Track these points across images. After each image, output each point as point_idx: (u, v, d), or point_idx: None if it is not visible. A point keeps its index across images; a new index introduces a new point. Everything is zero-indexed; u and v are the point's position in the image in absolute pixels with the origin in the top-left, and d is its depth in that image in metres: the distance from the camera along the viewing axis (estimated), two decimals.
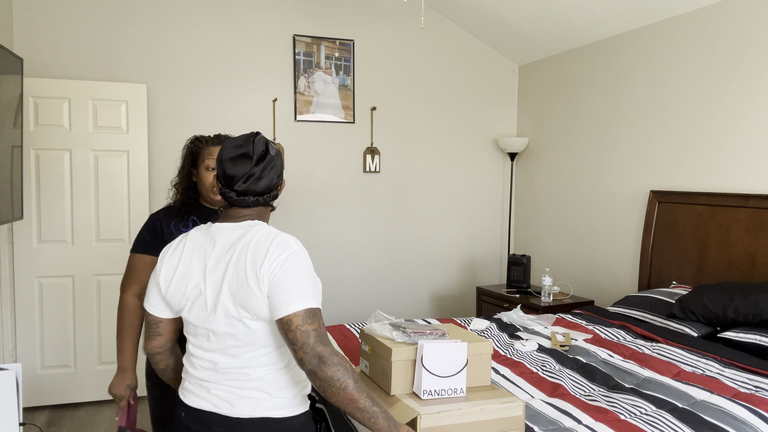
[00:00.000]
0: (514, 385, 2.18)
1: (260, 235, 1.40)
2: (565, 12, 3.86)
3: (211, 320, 1.41)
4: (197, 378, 1.47)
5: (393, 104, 4.56)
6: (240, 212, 1.47)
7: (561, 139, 4.45)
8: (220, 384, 1.43)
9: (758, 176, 3.06)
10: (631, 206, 3.84)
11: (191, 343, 1.49)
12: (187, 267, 1.45)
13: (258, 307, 1.36)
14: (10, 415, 1.54)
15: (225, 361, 1.42)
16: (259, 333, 1.40)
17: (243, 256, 1.37)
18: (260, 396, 1.42)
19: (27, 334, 3.61)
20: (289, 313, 1.32)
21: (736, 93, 3.16)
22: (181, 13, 3.98)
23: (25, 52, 3.65)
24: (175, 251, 1.49)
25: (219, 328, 1.41)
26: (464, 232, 4.88)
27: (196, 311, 1.43)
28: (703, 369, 2.34)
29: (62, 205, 3.63)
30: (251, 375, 1.41)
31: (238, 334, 1.39)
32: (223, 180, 1.45)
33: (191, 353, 1.49)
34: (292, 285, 1.34)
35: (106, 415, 3.56)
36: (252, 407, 1.41)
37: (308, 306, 1.34)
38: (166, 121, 3.96)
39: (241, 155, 1.43)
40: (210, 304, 1.41)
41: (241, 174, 1.42)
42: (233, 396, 1.42)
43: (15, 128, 3.09)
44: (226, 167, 1.44)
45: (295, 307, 1.32)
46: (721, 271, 3.18)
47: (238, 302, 1.37)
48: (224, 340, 1.41)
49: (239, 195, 1.44)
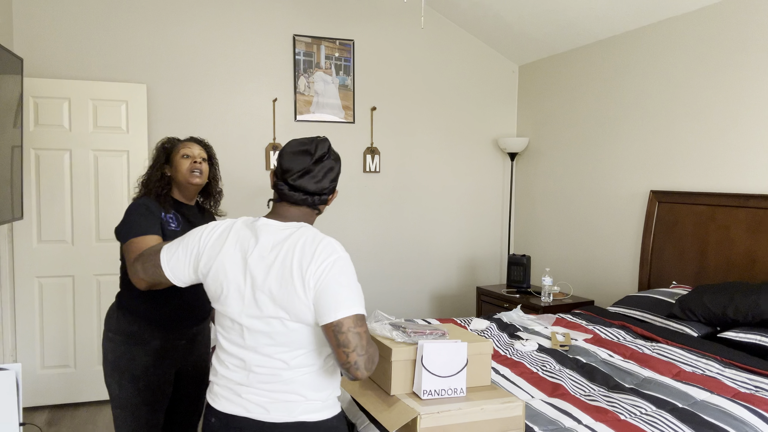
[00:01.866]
0: (514, 385, 2.18)
1: (307, 237, 1.39)
2: (565, 12, 3.86)
3: (248, 316, 1.40)
4: (228, 379, 1.45)
5: (393, 104, 4.56)
6: (287, 210, 1.47)
7: (561, 139, 4.45)
8: (253, 387, 1.42)
9: (758, 176, 3.06)
10: (631, 206, 3.84)
11: (223, 337, 1.47)
12: (229, 257, 1.43)
13: (300, 309, 1.36)
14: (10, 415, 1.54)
15: (257, 360, 1.41)
16: (296, 334, 1.39)
17: (289, 257, 1.36)
18: (295, 399, 1.41)
19: (27, 334, 3.61)
20: (341, 317, 1.32)
21: (736, 93, 3.16)
22: (181, 13, 3.98)
23: (25, 52, 3.65)
24: (219, 239, 1.46)
25: (254, 326, 1.40)
26: (464, 232, 4.87)
27: (232, 304, 1.42)
28: (703, 369, 2.34)
29: (62, 205, 3.63)
30: (284, 377, 1.40)
31: (275, 334, 1.39)
32: (278, 172, 1.46)
33: (222, 348, 1.47)
34: (342, 290, 1.35)
35: (106, 415, 3.56)
36: (287, 411, 1.40)
37: (358, 312, 1.36)
38: (166, 121, 3.96)
39: (303, 151, 1.45)
40: (248, 299, 1.40)
41: (297, 168, 1.43)
42: (267, 400, 1.41)
43: (15, 128, 3.09)
44: (285, 160, 1.45)
45: (345, 312, 1.33)
46: (721, 271, 3.18)
47: (279, 303, 1.37)
48: (258, 338, 1.40)
49: (291, 189, 1.45)
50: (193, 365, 2.18)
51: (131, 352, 2.01)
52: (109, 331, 2.05)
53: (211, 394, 1.50)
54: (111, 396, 2.06)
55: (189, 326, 2.12)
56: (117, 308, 2.06)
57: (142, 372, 2.01)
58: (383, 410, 1.64)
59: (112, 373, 2.03)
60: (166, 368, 2.06)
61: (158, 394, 2.05)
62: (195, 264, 1.49)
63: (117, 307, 2.06)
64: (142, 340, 2.01)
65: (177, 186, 2.11)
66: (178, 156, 2.08)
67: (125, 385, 2.01)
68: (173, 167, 2.09)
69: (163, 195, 2.06)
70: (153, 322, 2.02)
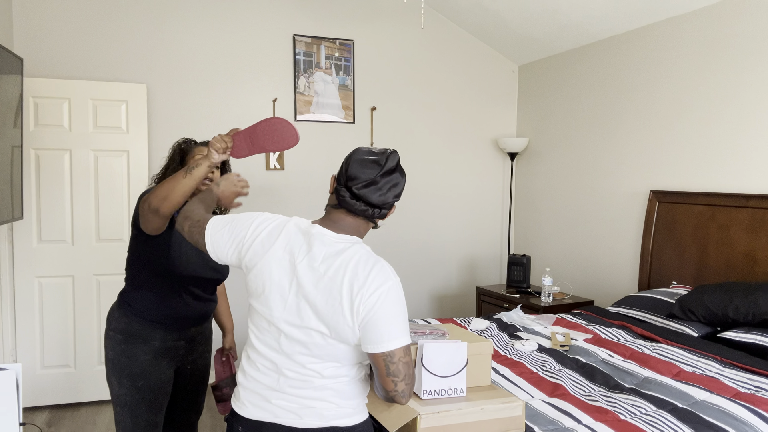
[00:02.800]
0: (514, 385, 2.18)
1: (360, 257, 1.37)
2: (565, 12, 3.86)
3: (287, 323, 1.38)
4: (258, 383, 1.44)
5: (393, 104, 4.56)
6: (343, 218, 1.43)
7: (561, 139, 4.45)
8: (284, 393, 1.41)
9: (758, 176, 3.06)
10: (631, 206, 3.84)
11: (256, 337, 1.45)
12: (278, 260, 1.40)
13: (344, 330, 1.34)
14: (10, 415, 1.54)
15: (289, 365, 1.40)
16: (333, 348, 1.37)
17: (340, 274, 1.34)
18: (327, 406, 1.40)
19: (27, 334, 3.61)
20: (394, 348, 1.33)
21: (736, 93, 3.16)
22: (182, 13, 3.98)
23: (25, 52, 3.65)
24: (271, 234, 1.43)
25: (293, 333, 1.38)
26: (464, 232, 4.87)
27: (272, 307, 1.40)
28: (703, 369, 2.34)
29: (62, 205, 3.63)
30: (316, 384, 1.40)
31: (312, 345, 1.37)
32: (344, 178, 1.42)
33: (255, 349, 1.45)
34: (394, 320, 1.34)
35: (106, 415, 3.57)
36: (319, 417, 1.40)
37: (408, 342, 1.37)
38: (166, 121, 3.96)
39: (372, 161, 1.41)
40: (290, 306, 1.38)
41: (364, 178, 1.40)
42: (298, 406, 1.40)
43: (15, 128, 3.09)
44: (352, 167, 1.41)
45: (397, 343, 1.34)
46: (721, 271, 3.18)
47: (322, 318, 1.35)
48: (294, 346, 1.39)
49: (352, 197, 1.41)
50: (192, 365, 2.19)
51: (131, 350, 2.02)
52: (110, 330, 2.05)
53: (237, 402, 1.48)
54: (111, 394, 2.07)
55: (189, 326, 2.13)
56: (118, 307, 2.07)
57: (142, 371, 2.02)
58: (383, 410, 1.64)
59: (112, 371, 2.04)
60: (165, 367, 2.07)
61: (158, 393, 2.05)
62: (238, 251, 1.46)
63: (118, 306, 2.07)
64: (143, 339, 2.02)
65: None
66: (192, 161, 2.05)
67: (125, 383, 2.02)
68: None
69: None
70: (154, 321, 2.02)
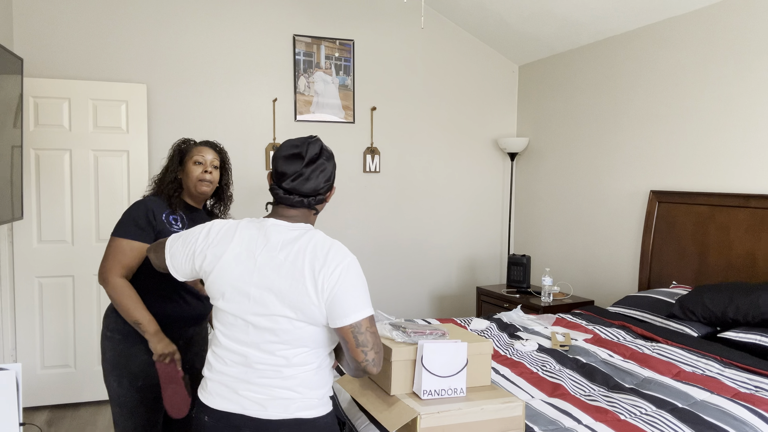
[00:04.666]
0: (514, 385, 2.18)
1: (317, 240, 1.43)
2: (565, 12, 3.86)
3: (253, 313, 1.42)
4: (226, 375, 1.46)
5: (393, 104, 4.56)
6: (287, 211, 1.49)
7: (561, 139, 4.45)
8: (252, 383, 1.43)
9: (758, 176, 3.06)
10: (631, 206, 3.84)
11: (222, 334, 1.48)
12: (235, 256, 1.44)
13: (311, 310, 1.39)
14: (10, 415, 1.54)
15: (259, 357, 1.43)
16: (300, 332, 1.41)
17: (300, 258, 1.40)
18: (292, 396, 1.43)
19: (27, 334, 3.61)
20: (360, 319, 1.39)
21: (736, 93, 3.16)
22: (181, 13, 3.98)
23: (25, 52, 3.65)
24: (225, 237, 1.47)
25: (260, 323, 1.42)
26: (464, 232, 4.87)
27: (237, 301, 1.43)
28: (703, 369, 2.34)
29: (62, 205, 3.63)
30: (284, 373, 1.43)
31: (280, 331, 1.41)
32: (274, 176, 1.49)
33: (221, 345, 1.48)
34: (357, 293, 1.40)
35: (106, 415, 3.57)
36: (284, 408, 1.43)
37: (372, 312, 1.44)
38: (166, 121, 3.96)
39: (294, 155, 1.47)
40: (255, 297, 1.41)
41: (290, 172, 1.46)
42: (264, 397, 1.43)
43: (15, 128, 3.09)
44: (279, 164, 1.47)
45: (362, 314, 1.40)
46: (721, 271, 3.18)
47: (287, 303, 1.39)
48: (263, 335, 1.42)
49: (286, 193, 1.47)
50: (190, 364, 2.19)
51: (130, 350, 2.02)
52: (108, 330, 2.06)
53: (204, 393, 1.51)
54: (110, 394, 2.07)
55: (187, 326, 2.13)
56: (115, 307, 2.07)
57: (141, 370, 2.02)
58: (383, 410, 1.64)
59: (111, 371, 2.04)
60: None
61: (157, 393, 2.06)
62: (192, 259, 1.50)
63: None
64: (141, 339, 2.02)
65: (186, 190, 2.13)
66: (191, 161, 2.10)
67: (124, 383, 2.02)
68: (185, 172, 2.11)
69: (173, 197, 2.09)
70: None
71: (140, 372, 2.02)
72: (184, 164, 2.12)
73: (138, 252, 1.98)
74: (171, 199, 2.08)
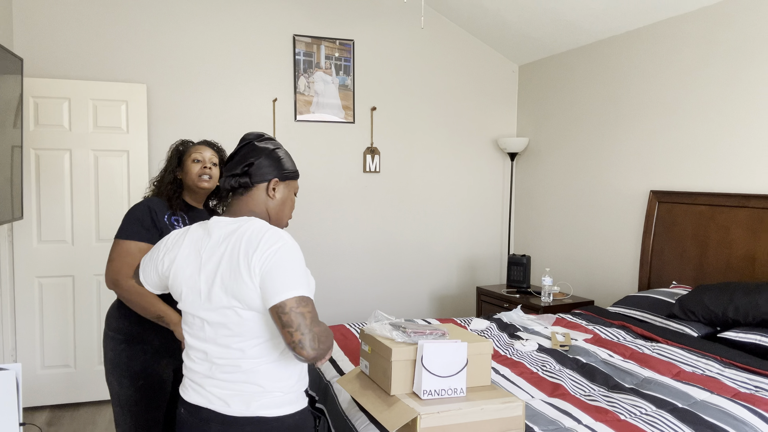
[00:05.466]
0: (514, 385, 2.18)
1: (253, 228, 1.45)
2: (565, 12, 3.86)
3: (205, 309, 1.46)
4: (194, 372, 1.51)
5: (393, 104, 4.56)
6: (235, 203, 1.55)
7: (561, 139, 4.45)
8: (215, 379, 1.46)
9: (758, 176, 3.06)
10: (631, 206, 3.84)
11: (187, 333, 1.53)
12: (185, 257, 1.51)
13: (249, 295, 1.39)
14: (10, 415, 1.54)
15: (218, 352, 1.45)
16: (250, 323, 1.42)
17: (236, 247, 1.42)
18: (253, 390, 1.43)
19: (27, 334, 3.61)
20: (284, 299, 1.36)
21: (736, 93, 3.16)
22: (181, 13, 3.98)
23: (25, 52, 3.65)
24: (177, 242, 1.55)
25: (212, 318, 1.45)
26: (464, 232, 4.88)
27: (191, 300, 1.48)
28: (703, 369, 2.34)
29: (62, 205, 3.63)
30: (243, 367, 1.43)
31: (231, 324, 1.43)
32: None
33: (188, 344, 1.53)
34: (285, 274, 1.38)
35: (106, 415, 3.57)
36: (246, 404, 1.43)
37: (301, 294, 1.38)
38: (166, 121, 3.96)
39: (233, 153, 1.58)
40: (204, 293, 1.45)
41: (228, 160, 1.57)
42: (227, 393, 1.45)
43: (15, 128, 3.09)
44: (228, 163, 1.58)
45: (288, 294, 1.36)
46: (721, 271, 3.18)
47: (230, 292, 1.41)
48: (217, 330, 1.45)
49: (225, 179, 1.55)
50: None
51: (131, 350, 2.02)
52: (110, 330, 2.06)
53: (182, 387, 1.56)
54: (111, 394, 2.07)
55: None
56: (118, 307, 2.08)
57: (142, 370, 2.02)
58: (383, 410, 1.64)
59: (112, 371, 2.05)
60: (165, 367, 2.08)
61: (158, 393, 2.06)
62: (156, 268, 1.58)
63: (118, 306, 2.08)
64: (142, 339, 2.02)
65: (187, 189, 2.14)
66: (189, 160, 2.11)
67: (125, 383, 2.03)
68: (184, 171, 2.13)
69: (173, 198, 2.10)
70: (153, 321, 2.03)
71: (141, 372, 2.03)
72: (182, 164, 2.13)
73: (143, 252, 1.98)
74: (171, 200, 2.09)
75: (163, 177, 2.14)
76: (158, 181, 2.15)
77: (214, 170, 2.14)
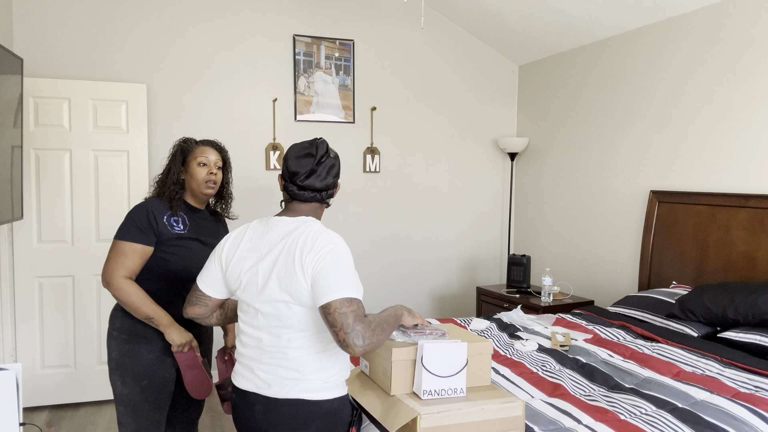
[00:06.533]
0: (514, 385, 2.18)
1: (311, 230, 1.57)
2: (565, 12, 3.86)
3: (260, 300, 1.58)
4: (245, 356, 1.64)
5: (393, 104, 4.56)
6: (299, 206, 1.65)
7: (561, 139, 4.45)
8: (263, 363, 1.59)
9: (758, 176, 3.06)
10: (631, 206, 3.84)
11: (242, 320, 1.65)
12: (245, 252, 1.62)
13: (301, 293, 1.51)
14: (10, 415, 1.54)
15: (268, 340, 1.58)
16: (299, 317, 1.55)
17: (293, 247, 1.54)
18: (295, 376, 1.56)
19: (27, 334, 3.61)
20: (330, 300, 1.46)
21: (736, 93, 3.16)
22: (181, 13, 3.98)
23: (25, 52, 3.65)
24: (237, 237, 1.67)
25: (265, 309, 1.57)
26: (464, 232, 4.87)
27: (248, 291, 1.60)
28: (703, 369, 2.34)
29: (62, 205, 3.63)
30: (289, 355, 1.56)
31: (282, 316, 1.56)
32: (287, 175, 1.64)
33: (241, 331, 1.66)
34: (334, 275, 1.49)
35: (106, 415, 3.57)
36: (288, 388, 1.55)
37: (347, 295, 1.48)
38: (166, 121, 3.96)
39: (306, 155, 1.63)
40: (260, 285, 1.58)
41: (303, 171, 1.61)
42: (272, 377, 1.57)
43: (15, 128, 3.09)
44: (291, 164, 1.63)
45: (335, 296, 1.46)
46: (721, 271, 3.18)
47: (284, 287, 1.53)
48: (270, 320, 1.58)
49: (300, 189, 1.63)
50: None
51: (135, 350, 2.02)
52: (114, 330, 2.06)
53: (234, 374, 1.69)
54: (115, 393, 2.08)
55: (192, 326, 2.14)
56: (121, 307, 2.07)
57: (145, 370, 2.03)
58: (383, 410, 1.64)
59: (115, 370, 2.05)
60: (168, 367, 2.08)
61: (161, 393, 2.06)
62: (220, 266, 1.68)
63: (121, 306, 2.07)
64: (146, 338, 2.03)
65: (189, 191, 2.13)
66: (194, 162, 2.09)
67: (128, 382, 2.03)
68: (188, 173, 2.10)
69: (174, 199, 2.09)
70: None
71: (144, 372, 2.03)
72: (186, 164, 2.11)
73: (140, 254, 1.99)
74: (172, 201, 2.08)
75: (167, 177, 2.11)
76: (161, 181, 2.13)
77: (219, 174, 2.13)
